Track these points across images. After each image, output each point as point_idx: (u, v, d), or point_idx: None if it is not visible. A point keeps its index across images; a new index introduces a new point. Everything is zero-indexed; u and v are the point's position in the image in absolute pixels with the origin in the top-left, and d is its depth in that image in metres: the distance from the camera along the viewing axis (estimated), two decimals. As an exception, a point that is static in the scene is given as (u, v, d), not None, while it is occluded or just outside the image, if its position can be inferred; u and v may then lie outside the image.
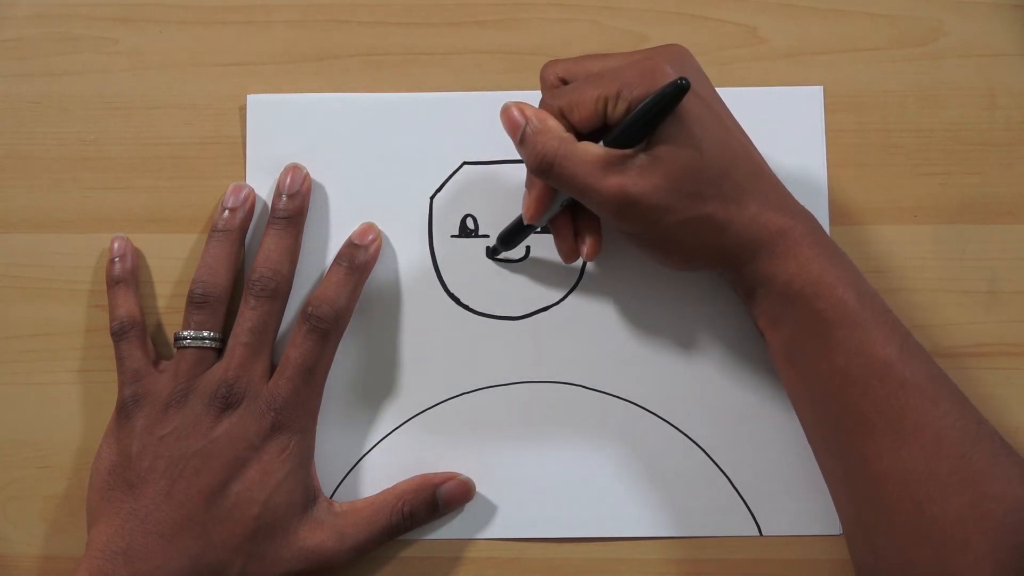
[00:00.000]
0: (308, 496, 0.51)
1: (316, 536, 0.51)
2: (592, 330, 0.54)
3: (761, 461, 0.53)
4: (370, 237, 0.53)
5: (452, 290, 0.54)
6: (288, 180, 0.53)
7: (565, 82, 0.49)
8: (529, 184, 0.50)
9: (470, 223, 0.55)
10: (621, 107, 0.46)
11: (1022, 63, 0.55)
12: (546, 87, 0.49)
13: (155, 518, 0.49)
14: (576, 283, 0.54)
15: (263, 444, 0.50)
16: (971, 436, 0.45)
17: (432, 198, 0.55)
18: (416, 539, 0.53)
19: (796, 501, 0.53)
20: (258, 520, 0.49)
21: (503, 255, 0.54)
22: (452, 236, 0.55)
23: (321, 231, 0.54)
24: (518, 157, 0.54)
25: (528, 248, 0.54)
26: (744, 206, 0.47)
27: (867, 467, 0.46)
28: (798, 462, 0.53)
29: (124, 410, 0.51)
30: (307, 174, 0.54)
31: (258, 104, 0.55)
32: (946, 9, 0.55)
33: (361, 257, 0.53)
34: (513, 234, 0.53)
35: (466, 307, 0.54)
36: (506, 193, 0.54)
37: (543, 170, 0.47)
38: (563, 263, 0.53)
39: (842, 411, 0.46)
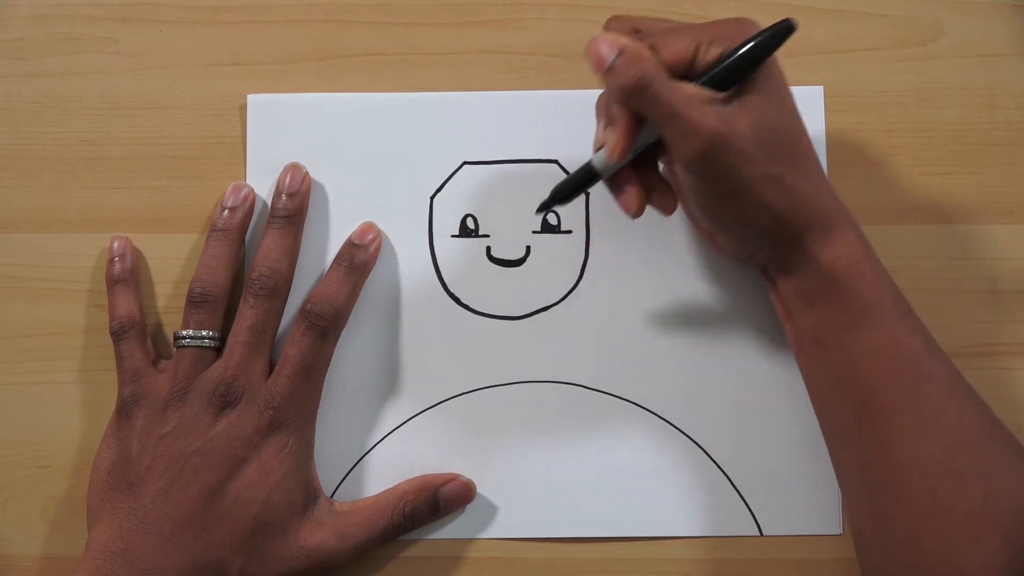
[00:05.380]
0: (308, 495, 0.51)
1: (317, 535, 0.51)
2: (592, 330, 0.54)
3: (761, 461, 0.53)
4: (370, 237, 0.53)
5: (452, 290, 0.54)
6: (288, 179, 0.53)
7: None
8: (610, 120, 0.47)
9: (470, 223, 0.55)
10: (713, 52, 0.45)
11: (1022, 63, 0.55)
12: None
13: (154, 518, 0.49)
14: (576, 283, 0.54)
15: (261, 443, 0.50)
16: (987, 432, 0.45)
17: (432, 198, 0.55)
18: (417, 539, 0.53)
19: (796, 501, 0.53)
20: (257, 519, 0.49)
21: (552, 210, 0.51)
22: (452, 236, 0.55)
23: (321, 231, 0.54)
24: (518, 157, 0.54)
25: (528, 248, 0.54)
26: (807, 177, 0.47)
27: (885, 453, 0.46)
28: (798, 462, 0.53)
29: (124, 410, 0.51)
30: (307, 173, 0.54)
31: (258, 104, 0.55)
32: (946, 9, 0.55)
33: (361, 257, 0.53)
34: (576, 187, 0.49)
35: (466, 307, 0.54)
36: (506, 193, 0.54)
37: (638, 91, 0.45)
38: (562, 270, 0.54)
39: (867, 395, 0.46)
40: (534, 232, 0.54)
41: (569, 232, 0.54)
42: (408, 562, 0.53)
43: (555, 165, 0.54)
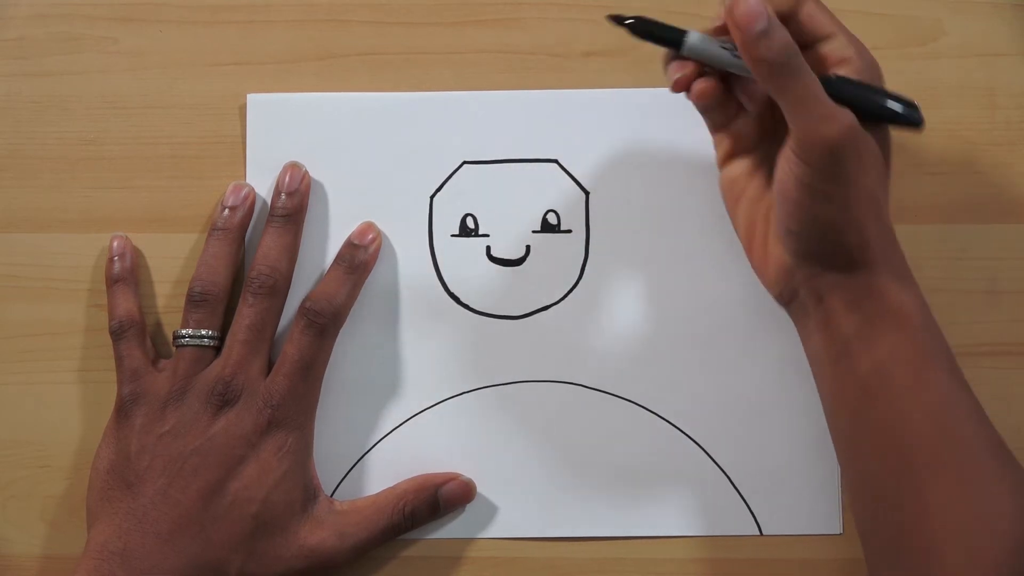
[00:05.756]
0: (308, 494, 0.51)
1: (317, 535, 0.51)
2: (592, 330, 0.54)
3: (761, 461, 0.53)
4: (370, 237, 0.53)
5: (452, 290, 0.54)
6: (287, 178, 0.53)
7: None
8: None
9: (470, 222, 0.55)
10: (840, 52, 0.46)
11: (1022, 63, 0.55)
12: None
13: (153, 517, 0.49)
14: (576, 283, 0.54)
15: (260, 441, 0.50)
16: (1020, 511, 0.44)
17: (432, 198, 0.55)
18: (417, 539, 0.53)
19: (796, 501, 0.53)
20: (257, 518, 0.49)
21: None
22: (452, 236, 0.55)
23: (321, 231, 0.54)
24: (518, 156, 0.54)
25: (528, 247, 0.54)
26: (888, 218, 0.47)
27: (926, 514, 0.44)
28: (798, 462, 0.53)
29: (123, 409, 0.51)
30: (306, 172, 0.54)
31: (258, 104, 0.55)
32: (946, 9, 0.55)
33: (361, 257, 0.53)
34: (658, 32, 0.48)
35: (466, 307, 0.54)
36: (506, 193, 0.54)
37: (790, 56, 0.44)
38: (562, 269, 0.54)
39: (914, 452, 0.45)
40: (534, 232, 0.54)
41: (569, 232, 0.54)
42: (408, 562, 0.53)
43: (555, 165, 0.54)
